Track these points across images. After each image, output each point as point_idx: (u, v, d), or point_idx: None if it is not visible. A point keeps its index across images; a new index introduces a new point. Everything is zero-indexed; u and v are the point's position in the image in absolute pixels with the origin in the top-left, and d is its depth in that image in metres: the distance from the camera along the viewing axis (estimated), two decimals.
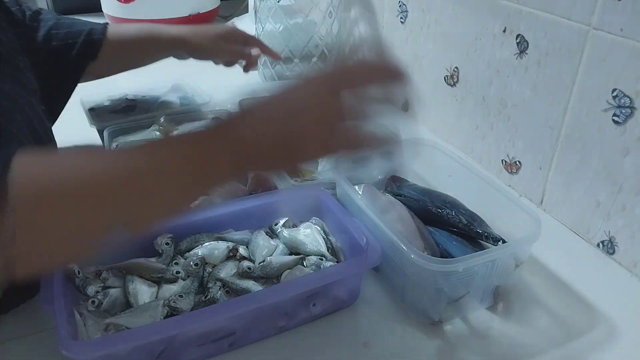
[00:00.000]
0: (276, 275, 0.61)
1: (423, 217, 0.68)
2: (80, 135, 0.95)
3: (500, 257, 0.58)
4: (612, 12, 0.63)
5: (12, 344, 0.56)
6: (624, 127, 0.64)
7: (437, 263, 0.54)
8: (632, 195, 0.65)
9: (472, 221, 0.65)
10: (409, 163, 0.75)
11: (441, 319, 0.59)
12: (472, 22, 0.84)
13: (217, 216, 0.66)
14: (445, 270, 0.54)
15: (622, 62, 0.63)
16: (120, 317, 0.54)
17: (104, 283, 0.58)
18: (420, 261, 0.54)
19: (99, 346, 0.48)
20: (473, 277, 0.57)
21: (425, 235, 0.64)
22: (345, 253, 0.65)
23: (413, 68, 1.02)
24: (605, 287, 0.66)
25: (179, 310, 0.55)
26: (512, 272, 0.61)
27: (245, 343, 0.57)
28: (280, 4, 1.09)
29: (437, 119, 0.99)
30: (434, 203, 0.69)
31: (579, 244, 0.72)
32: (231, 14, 1.54)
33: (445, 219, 0.66)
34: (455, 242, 0.64)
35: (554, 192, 0.76)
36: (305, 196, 0.70)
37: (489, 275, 0.58)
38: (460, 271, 0.54)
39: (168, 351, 0.52)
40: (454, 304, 0.59)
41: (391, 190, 0.74)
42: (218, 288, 0.59)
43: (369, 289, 0.64)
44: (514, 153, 0.82)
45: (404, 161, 0.74)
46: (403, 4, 1.01)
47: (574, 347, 0.58)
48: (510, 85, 0.80)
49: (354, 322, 0.61)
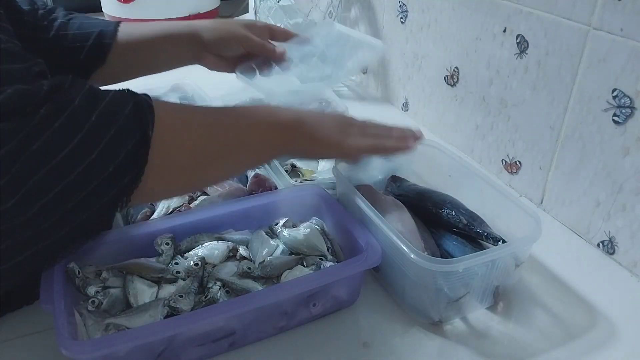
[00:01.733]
0: (276, 275, 0.61)
1: (423, 218, 0.68)
2: None
3: (500, 257, 0.58)
4: (612, 12, 0.63)
5: (12, 344, 0.56)
6: (624, 127, 0.64)
7: (438, 263, 0.54)
8: (632, 195, 0.65)
9: (472, 221, 0.65)
10: (409, 163, 0.75)
11: (441, 319, 0.59)
12: (472, 22, 0.84)
13: (217, 216, 0.66)
14: (445, 270, 0.54)
15: (622, 62, 0.63)
16: (120, 317, 0.54)
17: (104, 283, 0.58)
18: (420, 261, 0.54)
19: (99, 346, 0.48)
20: (473, 277, 0.57)
21: (425, 236, 0.64)
22: (345, 253, 0.65)
23: (413, 68, 1.02)
24: (605, 287, 0.66)
25: (179, 310, 0.55)
26: (513, 272, 0.61)
27: (245, 343, 0.57)
28: (280, 4, 1.09)
29: (437, 119, 0.99)
30: (434, 203, 0.68)
31: (579, 244, 0.72)
32: (231, 14, 1.54)
33: (446, 219, 0.66)
34: (455, 242, 0.64)
35: (554, 192, 0.76)
36: (305, 196, 0.70)
37: (489, 275, 0.58)
38: (460, 271, 0.54)
39: (168, 351, 0.52)
40: (454, 304, 0.59)
41: (391, 191, 0.74)
42: (218, 288, 0.59)
43: (369, 289, 0.64)
44: (514, 153, 0.82)
45: (404, 161, 0.74)
46: (403, 4, 1.01)
47: (574, 347, 0.58)
48: (510, 85, 0.80)
49: (354, 322, 0.61)
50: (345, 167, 0.69)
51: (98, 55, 0.75)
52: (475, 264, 0.55)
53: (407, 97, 1.07)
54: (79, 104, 0.42)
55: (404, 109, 1.09)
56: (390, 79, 1.11)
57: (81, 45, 0.74)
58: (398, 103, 1.10)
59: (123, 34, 0.77)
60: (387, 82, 1.12)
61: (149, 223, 0.65)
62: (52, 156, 0.40)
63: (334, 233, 0.67)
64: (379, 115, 0.84)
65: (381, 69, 1.13)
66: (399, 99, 1.09)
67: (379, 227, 0.59)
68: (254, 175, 0.75)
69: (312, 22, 1.10)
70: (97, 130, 0.42)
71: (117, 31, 0.76)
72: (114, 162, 0.43)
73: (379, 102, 1.15)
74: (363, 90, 1.20)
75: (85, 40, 0.74)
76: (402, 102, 1.09)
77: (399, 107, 1.10)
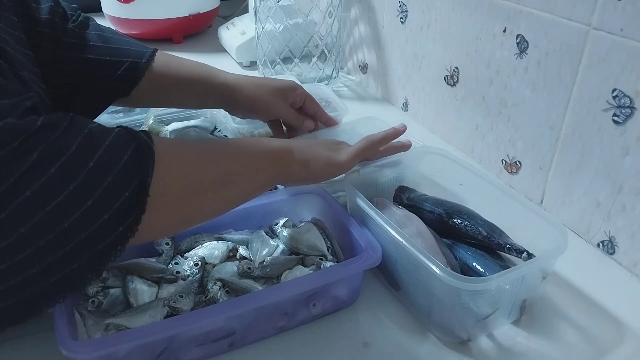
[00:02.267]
0: (276, 275, 0.61)
1: (438, 229, 0.65)
2: None
3: (530, 271, 0.56)
4: (612, 12, 0.63)
5: (12, 344, 0.56)
6: (624, 127, 0.64)
7: (469, 282, 0.51)
8: (632, 195, 0.65)
9: (491, 232, 0.62)
10: (415, 167, 0.75)
11: (469, 338, 0.58)
12: (472, 22, 0.84)
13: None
14: (477, 289, 0.52)
15: (622, 62, 0.63)
16: (120, 317, 0.54)
17: (104, 283, 0.58)
18: (450, 280, 0.51)
19: (99, 346, 0.48)
20: (503, 293, 0.55)
21: (444, 249, 0.62)
22: (345, 253, 0.65)
23: (413, 68, 1.02)
24: (605, 287, 0.66)
25: (179, 310, 0.55)
26: (539, 285, 0.60)
27: (245, 343, 0.57)
28: (280, 4, 1.09)
29: (437, 119, 0.99)
30: (448, 214, 0.66)
31: (579, 244, 0.72)
32: (231, 14, 1.54)
33: (463, 230, 0.63)
34: (470, 252, 0.62)
35: (554, 192, 0.76)
36: (305, 196, 0.70)
37: (518, 290, 0.57)
38: (493, 289, 0.52)
39: (168, 351, 0.52)
40: (483, 321, 0.57)
41: (400, 202, 0.71)
42: (218, 288, 0.59)
43: (369, 289, 0.64)
44: (514, 153, 0.82)
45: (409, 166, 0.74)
46: (403, 4, 1.01)
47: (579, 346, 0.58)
48: (510, 85, 0.80)
49: (354, 322, 0.61)
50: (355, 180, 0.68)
51: (124, 87, 0.72)
52: (508, 280, 0.53)
53: (407, 97, 1.07)
54: (77, 149, 0.39)
55: (404, 108, 1.09)
56: (390, 79, 1.11)
57: (109, 74, 0.70)
58: (398, 103, 1.10)
59: (156, 69, 0.72)
60: (387, 82, 1.12)
61: None
62: (45, 203, 0.37)
63: (334, 233, 0.67)
64: (379, 115, 0.84)
65: (381, 69, 1.14)
66: (399, 99, 1.09)
67: (399, 243, 0.57)
68: None
69: (312, 22, 1.10)
70: (94, 178, 0.40)
71: (149, 65, 0.72)
72: (109, 209, 0.41)
73: (379, 102, 1.15)
74: (363, 90, 1.20)
75: (115, 69, 0.70)
76: (402, 102, 1.09)
77: (399, 107, 1.10)
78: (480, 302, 0.55)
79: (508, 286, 0.55)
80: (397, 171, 0.74)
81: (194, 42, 1.46)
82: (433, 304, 0.57)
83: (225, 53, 1.37)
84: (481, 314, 0.56)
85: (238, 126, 0.87)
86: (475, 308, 0.55)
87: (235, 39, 1.29)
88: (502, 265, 0.61)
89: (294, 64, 1.14)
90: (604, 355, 0.57)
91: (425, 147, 0.82)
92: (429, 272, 0.53)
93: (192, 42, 1.46)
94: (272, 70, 1.16)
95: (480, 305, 0.55)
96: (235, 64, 1.31)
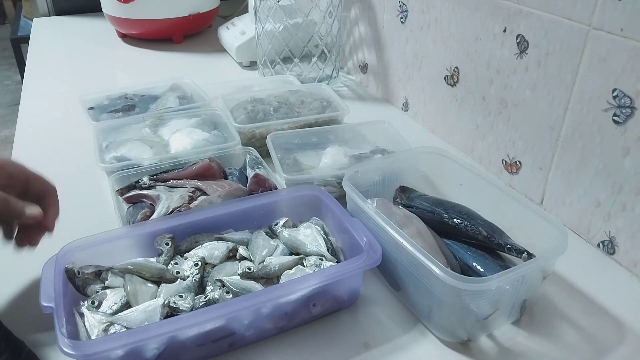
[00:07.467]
0: (276, 275, 0.61)
1: (438, 229, 0.65)
2: (80, 134, 0.95)
3: (531, 271, 0.56)
4: (612, 12, 0.63)
5: None
6: (624, 127, 0.64)
7: (469, 282, 0.51)
8: (632, 195, 0.65)
9: (492, 232, 0.62)
10: (413, 164, 0.75)
11: (470, 338, 0.58)
12: (472, 22, 0.84)
13: (217, 216, 0.66)
14: (478, 289, 0.52)
15: (622, 62, 0.63)
16: (120, 317, 0.54)
17: (104, 283, 0.58)
18: (450, 280, 0.51)
19: (99, 346, 0.48)
20: (504, 293, 0.55)
21: (444, 249, 0.62)
22: (345, 253, 0.65)
23: (413, 68, 1.02)
24: (606, 287, 0.66)
25: (179, 310, 0.55)
26: (540, 285, 0.60)
27: (245, 343, 0.57)
28: (280, 4, 1.09)
29: (437, 119, 0.99)
30: (449, 214, 0.66)
31: (579, 244, 0.72)
32: (231, 14, 1.54)
33: (464, 230, 0.64)
34: (470, 252, 0.62)
35: (554, 192, 0.76)
36: (305, 196, 0.70)
37: (518, 290, 0.56)
38: (493, 289, 0.52)
39: (168, 351, 0.52)
40: (483, 321, 0.57)
41: (400, 202, 0.71)
42: (218, 288, 0.59)
43: (369, 289, 0.64)
44: (514, 153, 0.82)
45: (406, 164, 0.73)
46: (403, 4, 1.01)
47: (579, 346, 0.58)
48: (510, 85, 0.80)
49: (354, 322, 0.61)
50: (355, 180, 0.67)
51: None
52: (508, 280, 0.53)
53: (407, 97, 1.07)
54: None
55: (404, 108, 1.09)
56: (390, 78, 1.11)
57: None
58: (398, 103, 1.10)
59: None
60: (387, 82, 1.12)
61: (149, 223, 0.65)
62: None
63: (334, 233, 0.67)
64: (379, 115, 0.84)
65: (381, 68, 1.14)
66: (399, 99, 1.09)
67: (399, 243, 0.57)
68: (254, 175, 0.75)
69: (312, 22, 1.10)
70: None
71: None
72: None
73: (379, 102, 1.15)
74: (363, 90, 1.20)
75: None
76: (402, 102, 1.09)
77: (399, 107, 1.10)
78: (481, 302, 0.55)
79: (508, 286, 0.55)
80: (397, 171, 0.74)
81: (194, 42, 1.46)
82: (433, 304, 0.57)
83: (225, 53, 1.37)
84: (481, 314, 0.56)
85: (238, 126, 0.87)
86: (476, 308, 0.55)
87: (235, 39, 1.29)
88: (502, 265, 0.61)
89: (294, 64, 1.14)
90: (604, 355, 0.57)
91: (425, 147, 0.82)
92: (429, 272, 0.53)
93: (192, 42, 1.46)
94: (272, 70, 1.16)
95: (481, 305, 0.55)
96: (235, 64, 1.31)
